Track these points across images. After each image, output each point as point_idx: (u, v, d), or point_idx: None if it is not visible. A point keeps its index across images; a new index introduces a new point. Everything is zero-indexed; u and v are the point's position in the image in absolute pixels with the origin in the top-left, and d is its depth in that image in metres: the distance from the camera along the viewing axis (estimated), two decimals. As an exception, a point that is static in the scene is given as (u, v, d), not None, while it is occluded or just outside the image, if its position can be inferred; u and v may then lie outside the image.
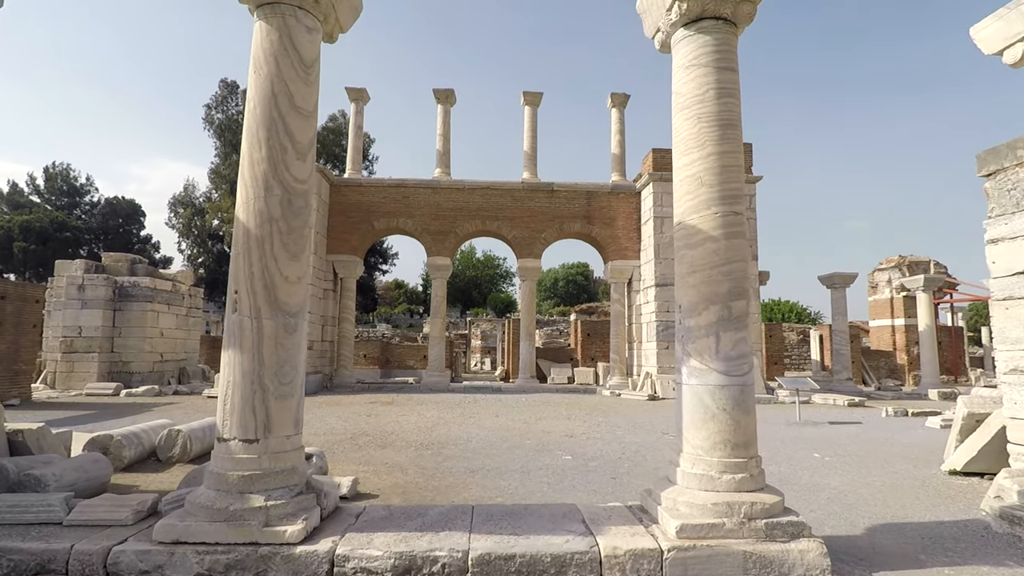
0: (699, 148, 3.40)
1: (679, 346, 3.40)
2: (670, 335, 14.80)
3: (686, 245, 3.40)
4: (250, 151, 3.29)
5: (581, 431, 8.28)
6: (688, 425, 3.25)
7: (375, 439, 7.35)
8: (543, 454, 6.45)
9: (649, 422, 9.42)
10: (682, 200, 3.48)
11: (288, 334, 3.21)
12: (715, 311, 3.24)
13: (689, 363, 3.28)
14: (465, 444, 7.04)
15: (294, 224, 3.29)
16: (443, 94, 16.87)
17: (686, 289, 3.37)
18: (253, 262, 3.18)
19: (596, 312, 22.73)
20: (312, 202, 3.48)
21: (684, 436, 3.28)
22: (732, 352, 3.21)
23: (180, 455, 5.76)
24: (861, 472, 5.76)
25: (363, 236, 16.39)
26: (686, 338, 3.32)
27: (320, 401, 12.22)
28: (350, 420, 9.17)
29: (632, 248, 16.46)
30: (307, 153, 3.41)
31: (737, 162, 3.42)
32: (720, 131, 3.39)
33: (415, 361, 20.71)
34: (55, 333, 14.15)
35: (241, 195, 3.29)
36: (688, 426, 3.25)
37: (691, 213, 3.39)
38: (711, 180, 3.35)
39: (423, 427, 8.48)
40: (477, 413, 10.28)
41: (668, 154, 15.79)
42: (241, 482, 2.97)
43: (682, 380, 3.33)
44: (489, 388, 15.62)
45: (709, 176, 3.36)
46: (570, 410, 11.00)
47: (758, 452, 3.26)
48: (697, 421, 3.20)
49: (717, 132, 3.39)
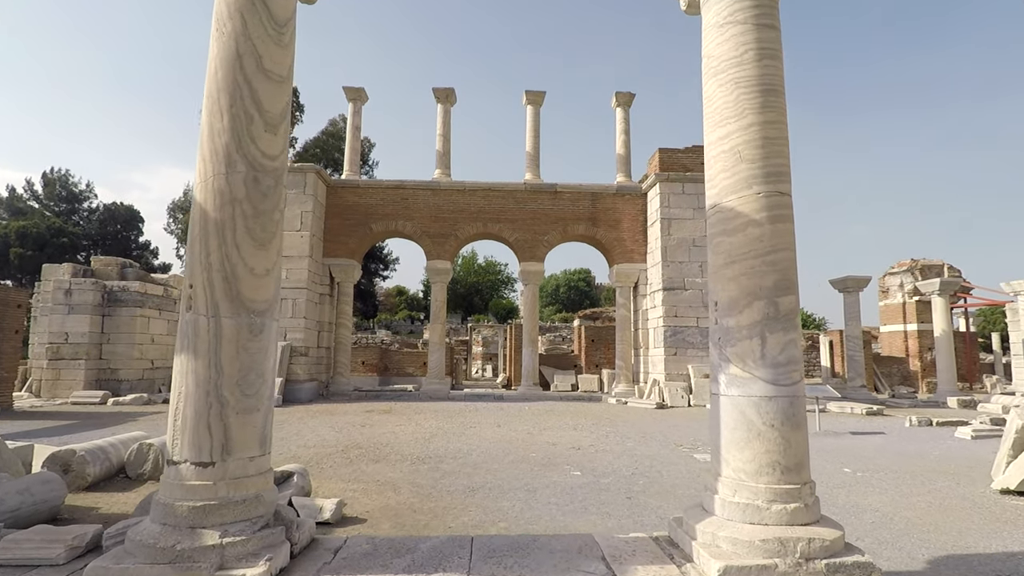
0: (737, 118, 2.91)
1: (715, 350, 2.89)
2: (678, 341, 14.28)
3: (723, 231, 2.90)
4: (210, 120, 2.80)
5: (589, 442, 7.75)
6: (728, 444, 2.73)
7: (368, 452, 6.82)
8: (549, 469, 5.93)
9: (660, 432, 8.88)
10: (717, 179, 2.98)
11: (253, 336, 2.70)
12: (759, 308, 2.74)
13: (728, 370, 2.77)
14: (464, 458, 6.51)
15: (261, 207, 2.80)
16: (443, 93, 16.43)
17: (724, 283, 2.86)
18: (211, 251, 2.68)
19: (600, 317, 22.20)
20: (284, 180, 2.99)
21: (723, 457, 2.76)
22: (780, 357, 2.70)
23: (152, 472, 5.25)
24: (901, 490, 5.22)
25: (361, 239, 15.91)
26: (724, 340, 2.81)
27: (315, 410, 11.70)
28: (343, 430, 8.65)
29: (638, 251, 15.95)
30: (278, 125, 2.92)
31: (782, 133, 2.92)
32: (762, 98, 2.90)
33: (415, 368, 20.18)
34: (41, 339, 13.66)
35: (199, 172, 2.80)
36: (728, 445, 2.73)
37: (728, 194, 2.89)
38: (752, 155, 2.86)
39: (420, 438, 7.95)
40: (478, 423, 9.75)
41: (675, 154, 15.34)
42: (192, 514, 2.46)
43: (719, 390, 2.82)
44: (491, 396, 15.09)
45: (750, 150, 2.86)
46: (576, 419, 10.46)
47: (811, 476, 2.74)
48: (739, 439, 2.69)
49: (758, 99, 2.89)
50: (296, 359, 13.89)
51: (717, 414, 2.82)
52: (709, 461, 6.55)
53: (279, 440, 7.65)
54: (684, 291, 14.47)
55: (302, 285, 14.18)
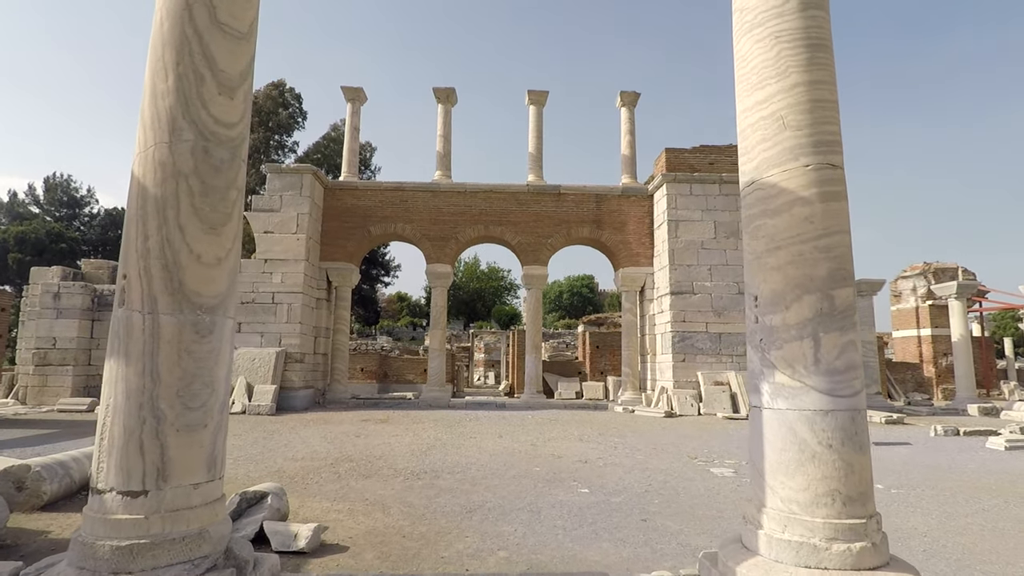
0: (779, 78, 2.45)
1: (755, 354, 2.41)
2: (687, 347, 13.77)
3: (763, 212, 2.43)
4: (152, 81, 2.36)
5: (596, 455, 7.25)
6: (775, 468, 2.25)
7: (359, 466, 6.34)
8: (555, 486, 5.43)
9: (671, 443, 8.37)
10: (754, 151, 2.51)
11: (200, 337, 2.24)
12: (810, 303, 2.26)
13: (773, 378, 2.29)
14: (463, 472, 6.03)
15: (212, 183, 2.34)
16: (443, 93, 16.05)
17: (765, 273, 2.39)
18: (149, 234, 2.23)
19: (605, 323, 21.70)
20: (243, 154, 2.53)
21: (767, 484, 2.28)
22: (837, 362, 2.22)
23: (118, 489, 4.77)
24: (945, 510, 4.71)
25: (359, 242, 15.48)
26: (767, 342, 2.33)
27: (309, 418, 11.23)
28: (336, 441, 8.17)
29: (644, 254, 15.48)
30: (235, 88, 2.46)
31: (831, 96, 2.46)
32: (808, 53, 2.44)
33: (415, 375, 19.70)
34: (28, 345, 13.23)
35: (139, 142, 2.35)
36: (775, 470, 2.25)
37: (770, 168, 2.43)
38: (798, 120, 2.39)
39: (417, 450, 7.47)
40: (478, 433, 9.26)
41: (682, 154, 14.90)
42: (117, 557, 1.99)
43: (762, 402, 2.34)
44: (492, 404, 14.59)
45: (795, 115, 2.40)
46: (581, 429, 9.96)
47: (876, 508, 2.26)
48: (789, 463, 2.21)
49: (804, 55, 2.43)
50: (291, 366, 13.43)
51: (759, 431, 2.34)
52: (730, 476, 6.08)
53: (266, 452, 7.19)
54: (693, 295, 13.98)
55: (298, 289, 13.75)
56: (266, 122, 34.33)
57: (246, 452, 7.18)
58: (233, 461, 6.56)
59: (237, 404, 12.19)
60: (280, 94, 35.22)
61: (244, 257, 16.18)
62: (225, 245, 2.37)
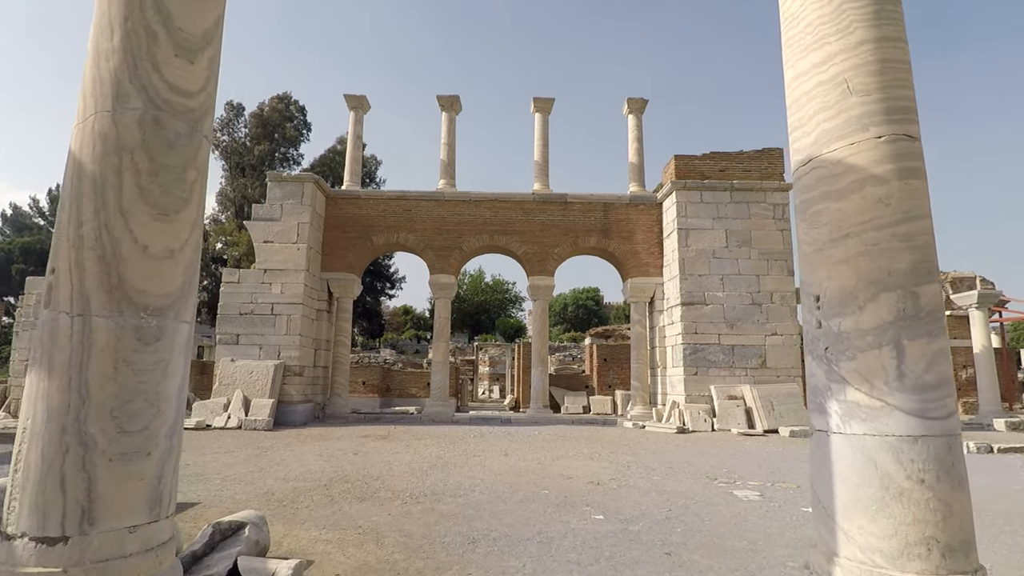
0: (840, 35, 2.05)
1: (817, 365, 1.99)
2: (698, 359, 13.28)
3: (825, 195, 2.02)
4: (96, 40, 1.98)
5: (609, 475, 6.78)
6: (849, 508, 1.82)
7: (354, 487, 5.90)
8: (566, 511, 4.97)
9: (687, 462, 7.89)
10: (810, 123, 2.11)
11: (144, 345, 1.84)
12: (890, 303, 1.84)
13: (844, 395, 1.86)
14: (466, 495, 5.57)
15: (164, 160, 1.96)
16: (448, 101, 15.78)
17: (830, 268, 1.97)
18: (84, 219, 1.84)
19: (613, 335, 21.23)
20: (206, 129, 2.15)
21: (839, 527, 1.84)
22: (927, 376, 1.79)
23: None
24: (1004, 540, 4.23)
25: (361, 252, 15.13)
26: (836, 351, 1.91)
27: (306, 434, 10.79)
28: (332, 459, 7.73)
29: (653, 264, 15.05)
30: (197, 51, 2.09)
31: (903, 55, 2.06)
32: (875, 5, 2.04)
33: (418, 389, 19.25)
34: (21, 356, 12.90)
35: (78, 112, 1.97)
36: (849, 509, 1.81)
37: (832, 141, 2.02)
38: (866, 84, 1.99)
39: (417, 469, 7.02)
40: (483, 450, 8.80)
41: (692, 161, 14.53)
42: (25, 622, 1.57)
43: (829, 425, 1.91)
44: (497, 419, 14.11)
45: (862, 78, 2.00)
46: (591, 446, 9.48)
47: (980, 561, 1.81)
48: (869, 501, 1.77)
49: (870, 7, 2.04)
50: (290, 379, 13.02)
51: (827, 461, 1.91)
52: (757, 500, 5.59)
53: (257, 471, 6.76)
54: (704, 306, 13.52)
55: (298, 300, 13.38)
56: (272, 135, 34.31)
57: (236, 471, 6.75)
58: (221, 481, 6.14)
59: (233, 419, 11.77)
60: (286, 107, 35.23)
61: (244, 267, 15.84)
62: (180, 235, 1.98)
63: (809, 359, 2.05)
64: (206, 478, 6.31)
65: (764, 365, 13.33)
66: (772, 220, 13.97)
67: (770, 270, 13.72)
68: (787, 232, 13.97)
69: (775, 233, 13.90)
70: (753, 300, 13.57)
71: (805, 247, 2.11)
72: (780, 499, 5.57)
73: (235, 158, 34.35)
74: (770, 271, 13.72)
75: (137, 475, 1.80)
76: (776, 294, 13.62)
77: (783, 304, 13.60)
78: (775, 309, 13.57)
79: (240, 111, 35.36)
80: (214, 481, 6.14)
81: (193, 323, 2.09)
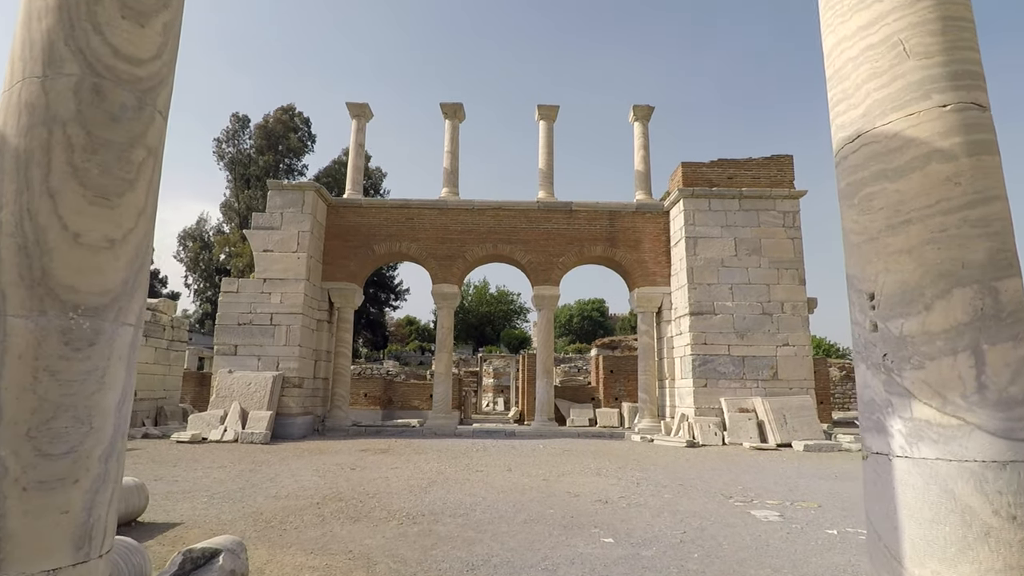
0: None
1: (874, 376, 1.68)
2: (708, 371, 12.91)
3: (879, 174, 1.72)
4: None
5: (618, 493, 6.42)
6: (919, 549, 1.49)
7: (349, 506, 5.57)
8: (573, 534, 4.63)
9: (699, 478, 7.52)
10: (859, 93, 1.81)
11: (73, 351, 1.55)
12: (964, 300, 1.54)
13: (910, 411, 1.55)
14: (467, 515, 5.24)
15: (107, 135, 1.68)
16: (451, 108, 15.61)
17: (887, 259, 1.67)
18: (3, 201, 1.56)
19: (620, 346, 20.86)
20: (160, 106, 1.87)
21: (907, 570, 1.52)
22: (1013, 388, 1.48)
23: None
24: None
25: (362, 262, 14.89)
26: (898, 359, 1.60)
27: (304, 448, 10.47)
28: (328, 475, 7.40)
29: (661, 273, 14.74)
30: (151, 14, 1.82)
31: (967, 13, 1.76)
32: (935, -44, 1.75)
33: (421, 401, 18.90)
34: (16, 369, 12.64)
35: (6, 80, 1.70)
36: (919, 550, 1.49)
37: (887, 112, 1.72)
38: (926, 46, 1.70)
39: (416, 486, 6.68)
40: (486, 465, 8.45)
41: (699, 168, 14.26)
42: None
43: (892, 447, 1.59)
44: (501, 432, 13.75)
45: (922, 38, 1.70)
46: (598, 461, 9.11)
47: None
48: (946, 541, 1.45)
49: (929, -42, 1.75)
50: (288, 391, 12.72)
51: (888, 490, 1.59)
52: (777, 522, 5.18)
53: (248, 487, 6.44)
54: (713, 316, 13.17)
55: (297, 310, 13.12)
56: (276, 146, 34.35)
57: (226, 488, 6.43)
58: (208, 499, 5.82)
59: (230, 432, 11.47)
60: (290, 118, 35.31)
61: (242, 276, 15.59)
62: (122, 223, 1.69)
63: (861, 368, 1.73)
64: (193, 495, 6.00)
65: (775, 377, 12.94)
66: (782, 228, 13.65)
67: (781, 279, 13.38)
68: (798, 241, 13.65)
69: (785, 241, 13.58)
70: (764, 310, 13.22)
71: (853, 236, 1.80)
72: (801, 520, 5.21)
73: (240, 169, 34.41)
74: (781, 280, 13.37)
75: (60, 507, 1.50)
76: (787, 304, 13.27)
77: (794, 314, 13.24)
78: (786, 319, 13.20)
79: (246, 123, 35.49)
80: (201, 498, 5.83)
81: (140, 326, 1.80)
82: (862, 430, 1.75)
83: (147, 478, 6.91)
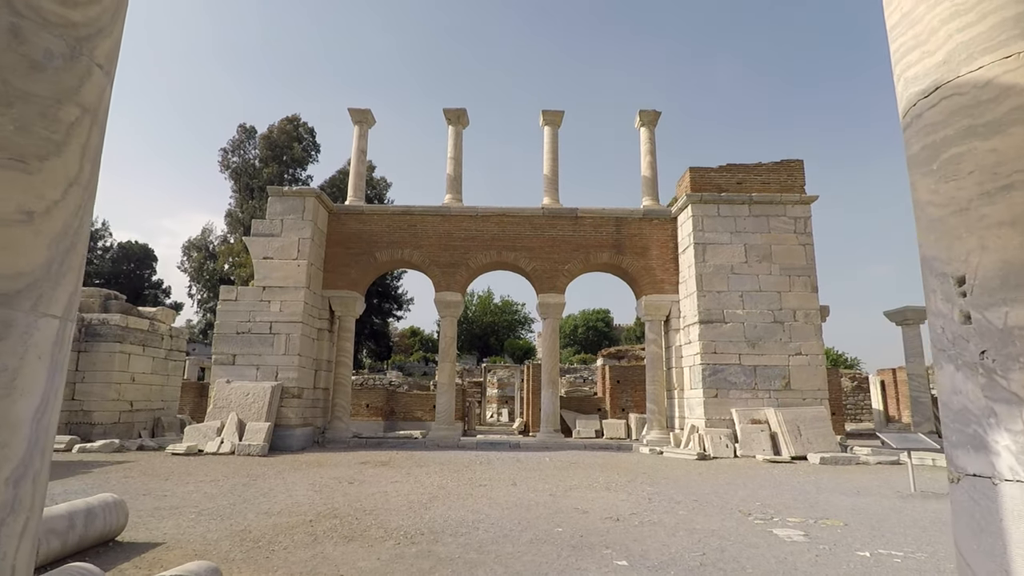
0: (978, -88, 1.45)
1: (966, 378, 1.35)
2: (718, 380, 12.53)
3: (966, 131, 1.41)
4: (-61, -75, 1.42)
5: (629, 509, 6.06)
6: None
7: (343, 524, 5.23)
8: (582, 555, 4.28)
9: (714, 493, 7.14)
10: (935, 38, 1.51)
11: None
12: (1090, 281, 1.21)
13: (1018, 422, 1.22)
14: (469, 533, 4.89)
15: (26, 87, 1.39)
16: (454, 114, 15.41)
17: (983, 233, 1.35)
18: None
19: (626, 356, 20.47)
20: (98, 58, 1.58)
21: (1025, 628, 1.18)
22: None
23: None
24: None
25: (364, 269, 14.62)
26: (1003, 357, 1.27)
27: (302, 460, 10.14)
28: (324, 490, 7.07)
29: (669, 281, 14.41)
30: (89, -50, 1.53)
31: (1071, -59, 1.45)
32: None
33: (424, 412, 18.54)
34: (10, 379, 12.38)
35: (-91, 21, 1.40)
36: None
37: (976, 56, 1.41)
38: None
39: (416, 501, 6.34)
40: (490, 479, 8.09)
41: (708, 173, 13.97)
42: None
43: (997, 468, 1.27)
44: (506, 444, 13.37)
45: (1017, -35, 1.39)
46: (607, 475, 8.74)
47: None
48: (1083, 593, 1.12)
49: None
50: (288, 401, 12.40)
51: (993, 520, 1.26)
52: (802, 542, 4.79)
53: (239, 503, 6.11)
54: (724, 324, 12.81)
55: (297, 319, 12.83)
56: (280, 156, 34.33)
57: (216, 504, 6.11)
58: (195, 516, 5.50)
59: (226, 443, 11.15)
60: (295, 128, 35.33)
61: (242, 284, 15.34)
62: (45, 192, 1.40)
63: (948, 369, 1.41)
64: (180, 511, 5.67)
65: (788, 387, 12.54)
66: (793, 234, 13.32)
67: (792, 286, 13.02)
68: (809, 247, 13.30)
69: (797, 248, 13.24)
70: (775, 318, 12.85)
71: (933, 209, 1.49)
72: (828, 540, 4.84)
73: (244, 179, 34.39)
74: (792, 287, 13.02)
75: (-54, 544, 1.18)
76: (800, 312, 12.90)
77: (807, 322, 12.86)
78: (799, 327, 12.83)
79: (252, 133, 35.53)
80: (188, 515, 5.50)
81: (72, 319, 1.50)
82: (949, 446, 1.43)
83: (135, 492, 6.60)
